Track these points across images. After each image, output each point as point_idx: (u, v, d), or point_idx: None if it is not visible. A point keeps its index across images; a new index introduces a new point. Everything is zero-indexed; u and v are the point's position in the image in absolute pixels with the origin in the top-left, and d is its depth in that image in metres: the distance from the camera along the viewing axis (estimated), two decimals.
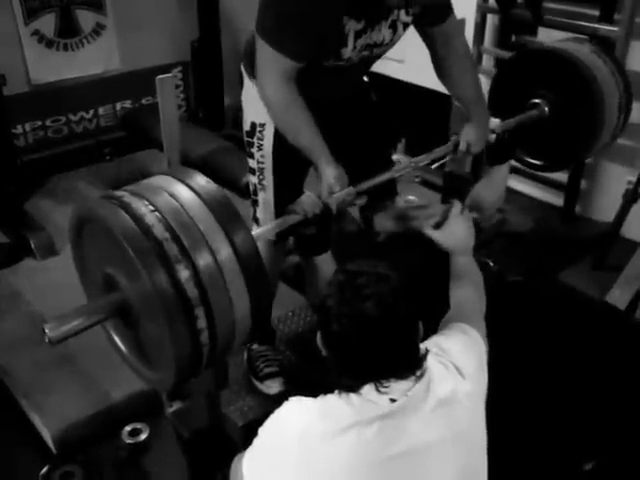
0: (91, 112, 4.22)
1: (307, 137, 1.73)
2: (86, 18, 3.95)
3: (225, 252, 1.26)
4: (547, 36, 3.49)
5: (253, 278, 1.30)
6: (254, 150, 2.03)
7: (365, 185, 1.77)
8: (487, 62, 3.75)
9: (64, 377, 2.49)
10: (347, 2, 1.66)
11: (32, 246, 3.20)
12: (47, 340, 1.29)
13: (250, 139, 2.03)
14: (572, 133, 2.24)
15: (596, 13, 3.20)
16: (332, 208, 1.65)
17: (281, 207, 2.09)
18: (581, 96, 2.17)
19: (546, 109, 2.23)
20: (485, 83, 3.48)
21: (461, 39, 2.02)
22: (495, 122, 2.08)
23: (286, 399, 1.34)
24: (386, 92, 2.21)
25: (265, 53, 1.70)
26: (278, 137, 1.87)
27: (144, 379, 1.47)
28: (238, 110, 2.07)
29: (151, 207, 1.25)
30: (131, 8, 4.06)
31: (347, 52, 1.76)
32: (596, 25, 3.14)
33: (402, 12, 1.80)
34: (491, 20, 3.62)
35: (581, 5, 3.26)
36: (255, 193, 2.09)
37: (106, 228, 1.26)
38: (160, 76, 2.72)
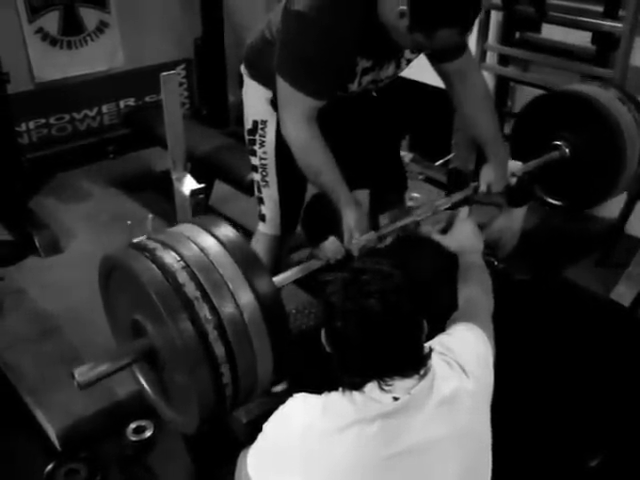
0: (95, 110, 4.23)
1: (327, 178, 1.74)
2: (90, 16, 3.96)
3: (252, 311, 1.31)
4: (551, 32, 3.49)
5: (277, 336, 1.34)
6: (256, 147, 2.04)
7: (386, 230, 1.77)
8: (491, 59, 3.74)
9: (69, 374, 2.49)
10: (361, 43, 1.67)
11: (36, 244, 3.21)
12: (76, 385, 1.37)
13: (252, 137, 2.04)
14: (591, 178, 2.24)
15: (600, 9, 3.18)
16: (354, 254, 1.65)
17: (286, 202, 2.10)
18: (603, 141, 2.17)
19: (567, 151, 2.22)
20: (489, 80, 3.50)
21: (478, 75, 2.02)
22: (517, 165, 2.06)
23: (290, 396, 1.35)
24: (389, 89, 2.21)
25: (286, 93, 1.71)
26: (280, 133, 1.87)
27: (167, 418, 1.52)
28: (242, 107, 2.08)
29: (182, 263, 1.29)
30: (135, 6, 4.07)
31: (353, 87, 1.81)
32: (600, 21, 3.13)
33: (408, 50, 1.82)
34: (495, 17, 3.61)
35: (585, 1, 3.25)
36: (259, 190, 2.10)
37: (138, 282, 1.28)
38: (164, 73, 2.72)
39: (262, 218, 2.15)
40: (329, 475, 1.22)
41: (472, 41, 3.27)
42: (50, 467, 2.17)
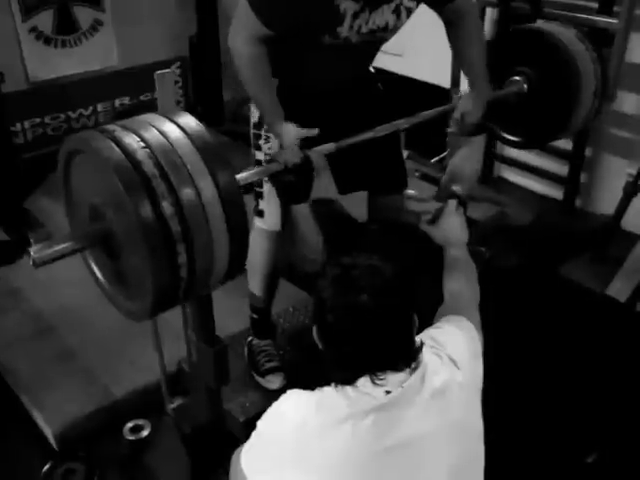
0: (90, 109, 4.21)
1: (266, 96, 1.82)
2: (84, 14, 3.95)
3: (210, 193, 1.31)
4: None
5: (234, 220, 1.35)
6: (261, 142, 2.04)
7: (345, 142, 1.82)
8: None
9: (65, 374, 2.49)
10: None
11: (32, 243, 3.20)
12: (31, 262, 1.34)
13: (257, 131, 2.05)
14: (545, 114, 2.29)
15: (595, 6, 3.19)
16: (312, 159, 1.71)
17: None
18: (560, 79, 2.21)
19: (525, 86, 2.27)
20: None
21: (474, 16, 2.06)
22: None
23: (284, 392, 1.35)
24: (385, 86, 2.21)
25: (243, 10, 1.75)
26: None
27: (120, 310, 1.50)
28: (237, 105, 2.08)
29: (142, 144, 1.30)
30: (129, 4, 4.06)
31: (344, 31, 1.78)
32: (595, 17, 3.13)
33: None
34: (490, 13, 3.62)
35: None
36: (260, 185, 2.09)
37: (98, 160, 1.30)
38: (159, 71, 2.71)
39: (259, 213, 2.14)
40: (323, 470, 1.23)
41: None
42: (47, 467, 2.18)
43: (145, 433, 2.26)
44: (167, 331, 2.09)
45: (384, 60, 2.02)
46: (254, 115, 2.05)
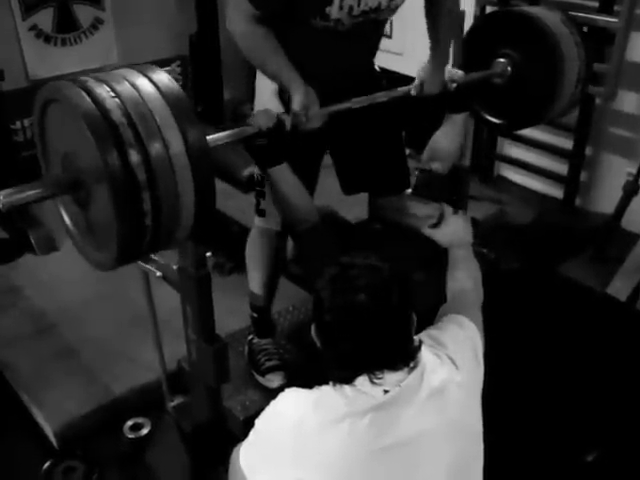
0: None
1: (273, 66, 1.81)
2: (84, 13, 3.94)
3: (177, 145, 1.31)
4: None
5: (200, 173, 1.35)
6: None
7: (328, 110, 1.81)
8: None
9: (65, 372, 2.49)
10: None
11: (32, 242, 3.20)
12: (0, 206, 1.37)
13: None
14: (528, 98, 2.29)
15: (595, 4, 3.19)
16: (286, 124, 1.71)
17: None
18: (543, 62, 2.21)
19: (508, 68, 2.27)
20: None
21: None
22: (458, 73, 2.14)
23: (282, 391, 1.35)
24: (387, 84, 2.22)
25: None
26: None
27: (88, 260, 1.52)
28: (237, 104, 2.08)
29: (112, 93, 1.31)
30: (129, 2, 4.05)
31: (334, 12, 1.77)
32: (596, 16, 3.13)
33: None
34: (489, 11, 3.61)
35: None
36: (262, 184, 2.08)
37: (68, 108, 1.32)
38: None
39: (261, 213, 2.14)
40: (321, 469, 1.23)
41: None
42: (47, 465, 2.18)
43: (145, 431, 2.26)
44: (167, 329, 2.09)
45: (384, 59, 2.02)
46: None
